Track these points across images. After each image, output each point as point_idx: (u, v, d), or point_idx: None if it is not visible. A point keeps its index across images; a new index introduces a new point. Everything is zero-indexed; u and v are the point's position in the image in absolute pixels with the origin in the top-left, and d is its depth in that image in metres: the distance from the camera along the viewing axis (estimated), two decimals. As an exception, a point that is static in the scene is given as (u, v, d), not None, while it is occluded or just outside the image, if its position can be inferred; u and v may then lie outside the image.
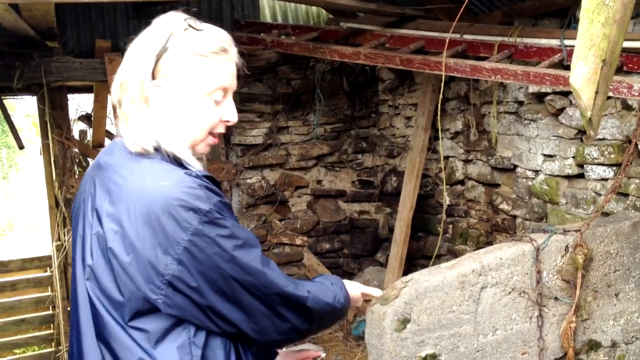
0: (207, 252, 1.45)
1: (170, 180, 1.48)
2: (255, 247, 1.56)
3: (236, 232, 1.51)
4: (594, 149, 3.86)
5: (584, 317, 3.00)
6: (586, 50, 1.73)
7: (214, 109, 1.62)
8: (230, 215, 1.55)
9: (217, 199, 1.50)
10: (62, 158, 5.32)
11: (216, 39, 1.61)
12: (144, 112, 1.58)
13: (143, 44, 1.59)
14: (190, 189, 1.47)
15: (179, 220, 1.43)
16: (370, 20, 5.19)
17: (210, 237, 1.45)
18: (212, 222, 1.46)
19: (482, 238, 5.22)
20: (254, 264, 1.53)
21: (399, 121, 6.37)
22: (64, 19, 5.34)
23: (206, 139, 1.65)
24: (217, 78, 1.60)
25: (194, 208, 1.44)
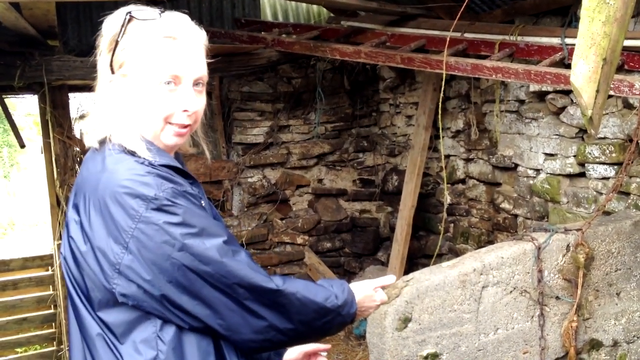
0: (155, 240, 1.42)
1: (118, 169, 1.47)
2: (214, 237, 1.48)
3: (189, 220, 1.45)
4: (595, 147, 3.86)
5: (585, 316, 2.99)
6: (587, 48, 1.72)
7: (166, 97, 1.56)
8: (188, 203, 1.48)
9: (169, 185, 1.46)
10: (64, 157, 5.32)
11: (161, 27, 1.57)
12: (99, 106, 1.61)
13: (100, 42, 1.62)
14: (137, 176, 1.45)
15: (126, 208, 1.42)
16: (371, 18, 5.18)
17: (158, 224, 1.42)
18: (160, 209, 1.42)
19: (483, 237, 5.22)
20: (210, 252, 1.45)
21: (400, 120, 6.36)
22: (65, 17, 5.33)
23: (165, 129, 1.59)
24: (165, 66, 1.55)
25: (140, 195, 1.42)
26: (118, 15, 1.60)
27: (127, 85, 1.57)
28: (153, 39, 1.55)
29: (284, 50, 5.27)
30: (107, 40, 1.59)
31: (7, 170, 16.78)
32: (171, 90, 1.56)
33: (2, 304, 6.08)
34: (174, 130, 1.60)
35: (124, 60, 1.57)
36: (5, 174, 16.62)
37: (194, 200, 1.51)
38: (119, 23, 1.57)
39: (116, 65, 1.58)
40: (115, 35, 1.57)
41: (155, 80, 1.55)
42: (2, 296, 6.12)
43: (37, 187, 13.24)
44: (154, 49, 1.55)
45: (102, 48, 1.61)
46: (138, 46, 1.56)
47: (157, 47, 1.55)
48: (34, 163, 15.09)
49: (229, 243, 1.51)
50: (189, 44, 1.59)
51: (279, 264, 6.20)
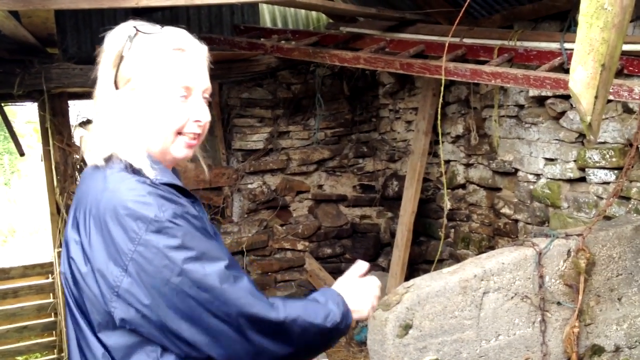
0: (154, 264, 1.38)
1: (120, 188, 1.44)
2: (215, 261, 1.43)
3: (189, 243, 1.41)
4: (595, 152, 3.85)
5: (587, 321, 2.98)
6: (585, 54, 1.72)
7: (178, 108, 1.56)
8: (189, 225, 1.44)
9: (170, 206, 1.43)
10: (63, 164, 5.32)
11: (169, 40, 1.58)
12: (102, 123, 1.58)
13: (102, 58, 1.60)
14: (139, 196, 1.42)
15: (127, 230, 1.39)
16: (370, 24, 5.19)
17: (158, 247, 1.38)
18: (160, 232, 1.39)
19: (484, 242, 5.21)
20: (209, 279, 1.40)
21: (399, 125, 6.36)
22: (64, 25, 5.34)
23: (176, 141, 1.58)
24: (175, 77, 1.55)
25: (141, 217, 1.39)
26: (122, 30, 1.59)
27: (136, 100, 1.55)
28: (163, 51, 1.55)
29: (283, 56, 5.28)
30: (112, 55, 1.57)
31: (8, 177, 16.78)
32: (183, 102, 1.57)
33: (3, 312, 6.08)
34: (185, 141, 1.59)
35: (132, 74, 1.55)
36: (6, 181, 16.62)
37: (194, 222, 1.47)
38: (124, 37, 1.57)
39: (122, 80, 1.56)
40: (121, 50, 1.56)
41: (168, 93, 1.54)
42: (2, 304, 6.12)
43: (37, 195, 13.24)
44: (164, 62, 1.55)
45: (106, 63, 1.59)
46: (148, 59, 1.55)
47: (168, 59, 1.55)
48: (35, 170, 15.09)
49: (230, 268, 1.46)
50: (196, 55, 1.60)
51: (279, 270, 6.19)
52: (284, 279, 6.20)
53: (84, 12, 5.37)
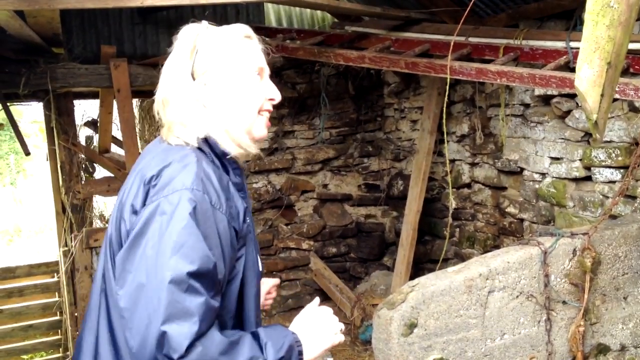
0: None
1: (181, 170, 1.60)
2: (186, 260, 1.48)
3: (181, 229, 1.51)
4: (601, 151, 3.84)
5: (592, 320, 2.98)
6: (591, 52, 1.71)
7: (257, 88, 1.73)
8: (199, 217, 1.52)
9: (205, 195, 1.57)
10: (69, 164, 5.34)
11: (237, 29, 1.75)
12: (193, 112, 1.68)
13: (175, 54, 1.72)
14: (193, 175, 1.59)
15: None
16: (375, 23, 5.18)
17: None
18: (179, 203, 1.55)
19: (489, 241, 5.20)
20: (164, 269, 1.47)
21: (404, 124, 6.36)
22: (70, 25, 5.35)
23: (257, 120, 1.74)
24: (250, 59, 1.72)
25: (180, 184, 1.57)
26: (193, 27, 1.74)
27: (217, 87, 1.69)
28: (235, 40, 1.73)
29: (288, 55, 5.28)
30: (188, 48, 1.70)
31: (14, 177, 16.83)
32: (259, 82, 1.75)
33: (8, 311, 6.11)
34: (264, 121, 1.77)
35: (209, 65, 1.69)
36: (12, 180, 16.66)
37: (210, 216, 1.54)
38: (197, 32, 1.72)
39: (199, 71, 1.69)
40: (196, 43, 1.70)
41: (247, 75, 1.71)
42: (8, 303, 6.15)
43: (43, 194, 13.27)
44: (239, 48, 1.72)
45: (181, 56, 1.70)
46: (223, 48, 1.70)
47: (241, 46, 1.73)
48: (40, 170, 15.13)
49: (195, 277, 1.46)
50: (259, 42, 1.79)
51: (284, 270, 6.19)
52: (289, 278, 6.20)
53: (89, 11, 5.38)
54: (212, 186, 1.57)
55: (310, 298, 6.08)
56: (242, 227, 1.67)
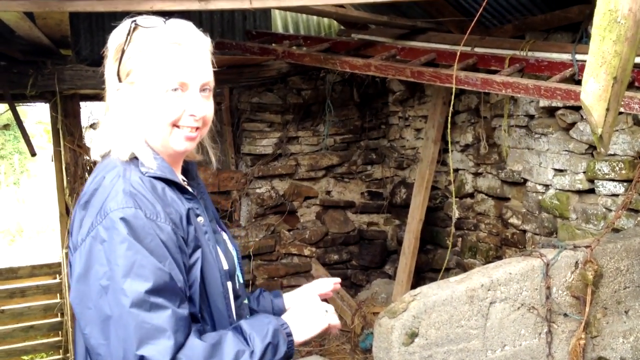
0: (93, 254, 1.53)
1: (106, 185, 1.57)
2: (139, 280, 1.45)
3: (122, 251, 1.47)
4: (605, 164, 3.85)
5: (593, 334, 2.97)
6: (597, 67, 1.73)
7: (171, 101, 1.59)
8: (138, 234, 1.48)
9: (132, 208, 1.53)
10: (74, 165, 5.35)
11: (166, 34, 1.61)
12: (107, 119, 1.66)
13: (107, 54, 1.67)
14: (114, 191, 1.54)
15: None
16: (382, 32, 5.20)
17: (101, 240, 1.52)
18: (108, 228, 1.51)
19: (491, 252, 5.20)
20: (121, 295, 1.44)
21: (408, 133, 6.37)
22: (78, 27, 5.38)
23: (173, 133, 1.63)
24: (169, 71, 1.59)
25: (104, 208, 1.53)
26: (123, 25, 1.64)
27: (135, 93, 1.61)
28: (159, 45, 1.59)
29: (294, 62, 5.29)
30: (113, 49, 1.63)
31: (17, 177, 16.86)
32: (178, 97, 1.60)
33: (10, 312, 6.11)
34: (183, 134, 1.63)
35: (131, 68, 1.61)
36: (15, 180, 16.70)
37: (150, 231, 1.48)
38: (125, 32, 1.61)
39: (123, 73, 1.61)
40: (122, 44, 1.61)
41: (162, 87, 1.58)
42: (9, 303, 6.15)
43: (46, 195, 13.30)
44: (160, 56, 1.59)
45: (109, 57, 1.65)
46: (144, 53, 1.59)
47: (163, 53, 1.59)
48: (44, 171, 15.17)
49: (154, 293, 1.44)
50: (194, 49, 1.63)
51: (285, 276, 6.19)
52: (290, 284, 6.20)
53: (98, 14, 5.40)
54: (144, 198, 1.51)
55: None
56: (188, 231, 1.60)
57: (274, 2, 3.31)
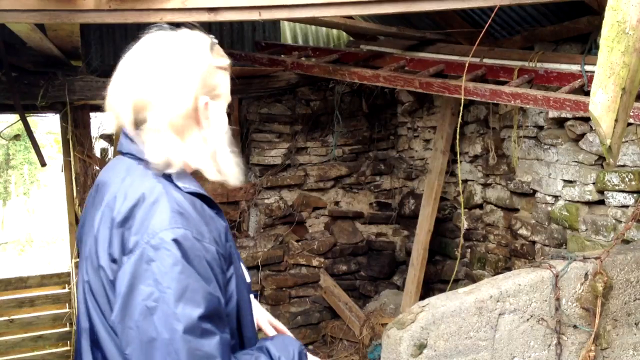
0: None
1: (159, 200, 1.53)
2: (192, 305, 1.42)
3: (174, 276, 1.44)
4: (615, 175, 3.83)
5: (603, 346, 2.95)
6: (606, 78, 1.73)
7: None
8: (188, 255, 1.46)
9: (182, 228, 1.50)
10: (84, 175, 5.38)
11: (226, 59, 1.70)
12: (194, 131, 1.62)
13: (178, 61, 1.61)
14: (165, 212, 1.51)
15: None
16: (390, 43, 5.21)
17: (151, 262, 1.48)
18: (158, 249, 1.48)
19: (500, 263, 5.18)
20: (173, 320, 1.41)
21: (417, 144, 6.37)
22: (88, 38, 5.42)
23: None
24: (229, 91, 1.71)
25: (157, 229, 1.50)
26: (201, 40, 1.66)
27: (218, 108, 1.66)
28: (226, 65, 1.69)
29: (303, 73, 5.32)
30: (193, 62, 1.61)
31: (27, 187, 16.96)
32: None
33: (19, 321, 6.12)
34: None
35: (218, 84, 1.65)
36: (26, 191, 16.79)
37: (199, 253, 1.46)
38: (207, 47, 1.65)
39: (207, 88, 1.62)
40: (202, 58, 1.63)
41: (226, 104, 1.70)
42: (19, 313, 6.17)
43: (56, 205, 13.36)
44: (227, 75, 1.69)
45: (192, 68, 1.61)
46: (224, 72, 1.68)
47: (228, 77, 1.70)
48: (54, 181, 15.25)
49: (205, 320, 1.41)
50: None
51: (294, 286, 6.18)
52: (299, 295, 6.19)
53: (108, 26, 5.45)
54: (191, 217, 1.49)
55: (319, 315, 6.12)
56: (226, 248, 1.59)
57: (282, 14, 3.32)
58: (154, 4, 3.03)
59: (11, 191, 16.44)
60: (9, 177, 16.68)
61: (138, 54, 1.66)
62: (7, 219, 14.70)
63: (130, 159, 1.63)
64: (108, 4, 2.97)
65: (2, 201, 16.00)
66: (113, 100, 1.67)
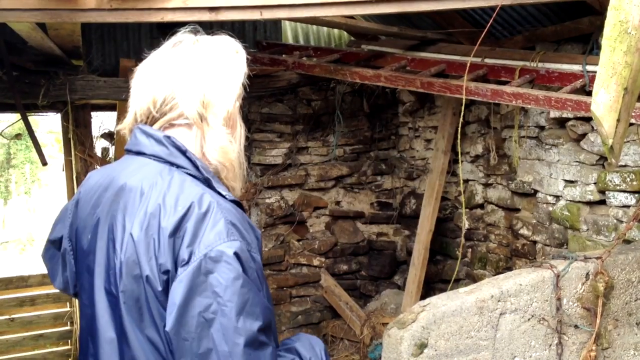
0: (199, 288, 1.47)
1: (212, 206, 1.53)
2: (252, 318, 1.43)
3: (236, 288, 1.45)
4: (616, 175, 3.83)
5: (604, 345, 2.95)
6: (608, 78, 1.72)
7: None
8: (246, 267, 1.49)
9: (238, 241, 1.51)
10: (84, 175, 5.36)
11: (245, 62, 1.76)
12: (217, 127, 1.66)
13: (226, 64, 1.71)
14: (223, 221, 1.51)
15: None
16: (392, 43, 5.21)
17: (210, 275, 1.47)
18: (218, 261, 1.47)
19: (501, 263, 5.18)
20: (235, 334, 1.42)
21: (418, 144, 6.37)
22: (90, 38, 5.42)
23: None
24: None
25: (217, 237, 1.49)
26: (237, 45, 1.77)
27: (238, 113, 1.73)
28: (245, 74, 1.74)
29: (304, 72, 5.31)
30: (237, 68, 1.73)
31: (29, 186, 16.97)
32: None
33: (20, 320, 6.13)
34: None
35: (242, 92, 1.73)
36: (27, 190, 16.80)
37: (251, 264, 1.47)
38: (240, 53, 1.75)
39: (239, 96, 1.72)
40: (243, 65, 1.73)
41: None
42: (19, 312, 6.18)
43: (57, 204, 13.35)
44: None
45: (235, 74, 1.73)
46: (242, 79, 1.73)
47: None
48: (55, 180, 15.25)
49: (262, 332, 1.43)
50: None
51: (294, 286, 6.18)
52: (299, 294, 6.20)
53: (109, 25, 5.44)
54: (241, 227, 1.49)
55: (320, 315, 6.11)
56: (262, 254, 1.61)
57: (284, 13, 3.32)
58: (155, 3, 3.02)
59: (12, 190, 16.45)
60: (10, 176, 16.70)
61: (194, 55, 1.72)
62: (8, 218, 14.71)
63: (156, 162, 1.61)
64: (109, 4, 2.97)
65: (3, 200, 16.01)
66: (157, 95, 1.74)
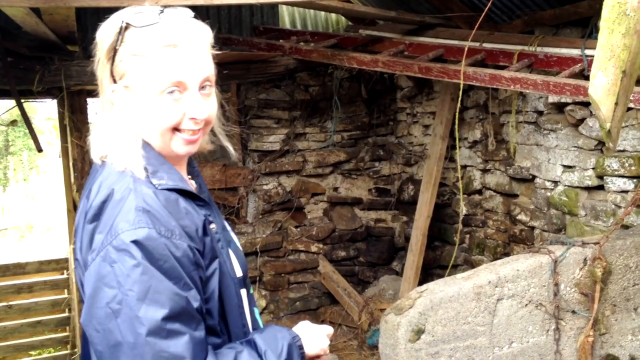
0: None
1: (120, 197, 1.47)
2: (155, 306, 1.37)
3: (136, 277, 1.39)
4: (614, 160, 3.81)
5: (601, 331, 2.95)
6: (606, 60, 1.70)
7: (169, 106, 1.48)
8: (152, 256, 1.41)
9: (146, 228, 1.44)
10: (81, 161, 5.35)
11: (161, 34, 1.47)
12: (103, 119, 1.58)
13: (98, 51, 1.56)
14: (127, 212, 1.44)
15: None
16: (390, 27, 5.17)
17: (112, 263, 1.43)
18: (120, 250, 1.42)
19: (499, 249, 5.18)
20: (136, 323, 1.36)
21: (416, 129, 6.34)
22: (85, 23, 5.37)
23: (174, 138, 1.53)
24: (166, 75, 1.46)
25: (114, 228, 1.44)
26: (114, 22, 1.52)
27: (131, 97, 1.51)
28: (152, 49, 1.46)
29: (301, 58, 5.28)
30: (105, 48, 1.52)
31: (27, 173, 16.95)
32: (176, 100, 1.49)
33: (17, 307, 6.14)
34: (183, 138, 1.53)
35: (125, 70, 1.50)
36: (25, 177, 16.79)
37: (164, 252, 1.40)
38: (115, 30, 1.50)
39: (117, 74, 1.52)
40: (113, 43, 1.50)
41: (158, 91, 1.47)
42: (17, 299, 6.18)
43: (55, 191, 13.35)
44: (154, 59, 1.46)
45: (100, 55, 1.54)
46: (137, 57, 1.48)
47: (158, 57, 1.46)
48: (53, 167, 15.24)
49: (170, 320, 1.36)
50: (191, 48, 1.50)
51: (292, 272, 6.18)
52: (297, 281, 6.20)
53: (105, 10, 5.38)
54: (157, 214, 1.42)
55: (318, 301, 6.12)
56: (205, 242, 1.52)
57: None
58: (149, -13, 2.99)
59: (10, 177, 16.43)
60: (8, 163, 16.68)
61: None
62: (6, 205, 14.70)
63: None
64: (103, -13, 2.94)
65: (2, 187, 15.99)
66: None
